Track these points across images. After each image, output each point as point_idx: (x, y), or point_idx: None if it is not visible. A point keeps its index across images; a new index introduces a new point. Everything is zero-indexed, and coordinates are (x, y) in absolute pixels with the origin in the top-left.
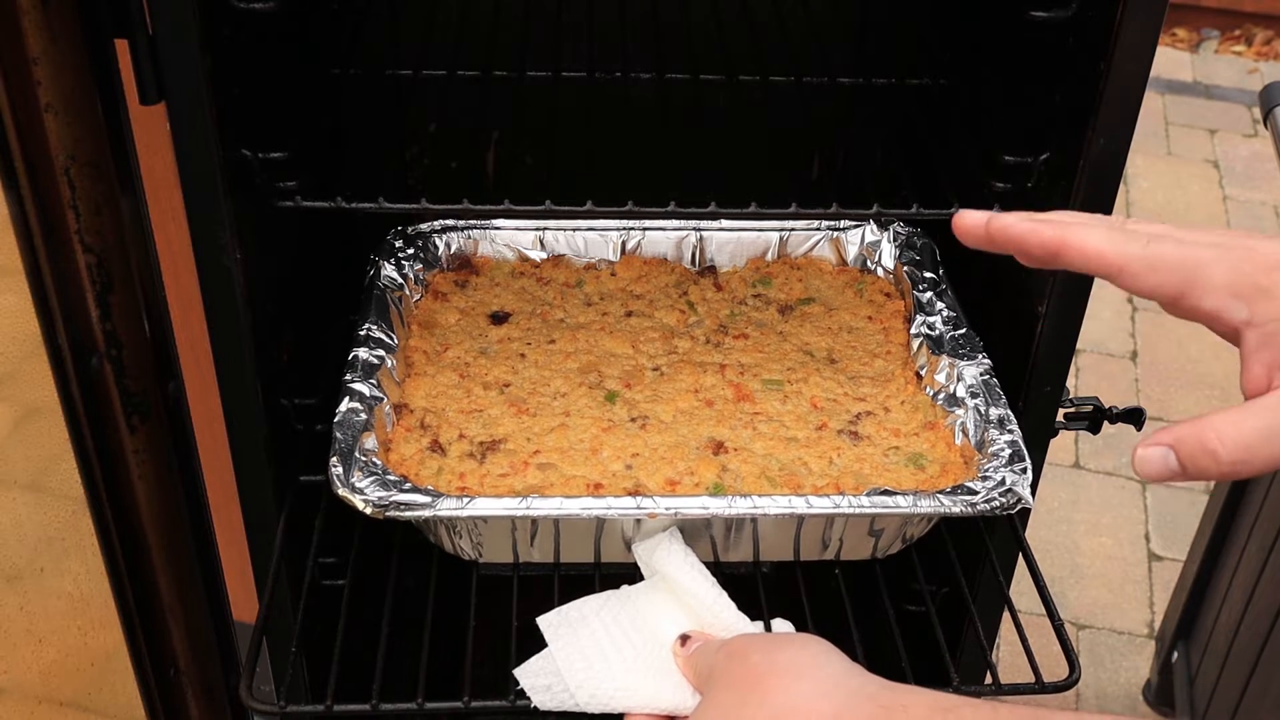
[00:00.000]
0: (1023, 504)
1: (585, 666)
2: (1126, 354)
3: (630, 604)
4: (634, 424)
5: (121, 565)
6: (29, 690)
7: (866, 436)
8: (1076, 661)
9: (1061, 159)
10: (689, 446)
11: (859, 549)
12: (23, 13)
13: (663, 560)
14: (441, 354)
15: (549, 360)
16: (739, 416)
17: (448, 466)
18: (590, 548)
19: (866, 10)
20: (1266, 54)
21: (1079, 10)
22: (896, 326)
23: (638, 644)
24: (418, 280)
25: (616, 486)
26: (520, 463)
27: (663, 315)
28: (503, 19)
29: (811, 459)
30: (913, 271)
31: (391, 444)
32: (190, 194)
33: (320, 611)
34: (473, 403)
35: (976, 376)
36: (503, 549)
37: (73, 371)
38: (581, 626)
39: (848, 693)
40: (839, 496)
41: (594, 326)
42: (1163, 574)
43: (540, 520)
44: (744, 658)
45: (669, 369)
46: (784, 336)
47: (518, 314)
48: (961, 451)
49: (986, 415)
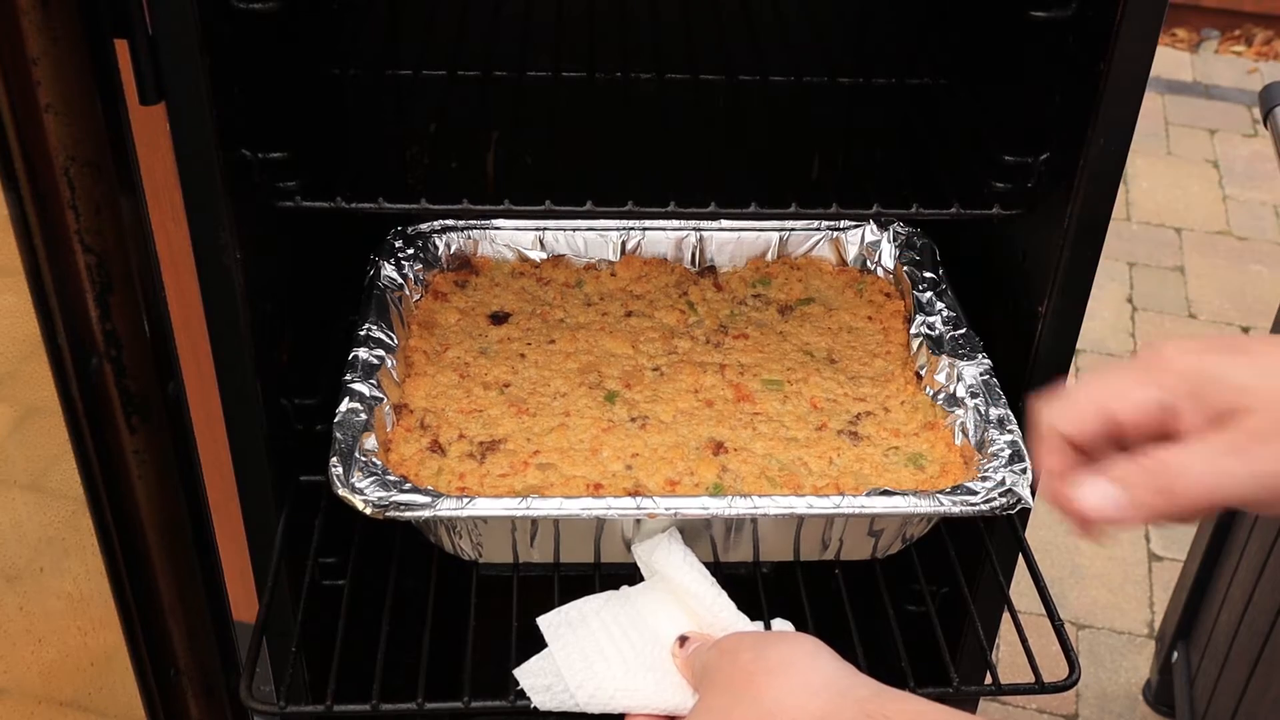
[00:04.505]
0: (1022, 504)
1: (585, 666)
2: (1126, 354)
3: (630, 604)
4: (634, 424)
5: (121, 565)
6: (29, 690)
7: (866, 437)
8: (1076, 662)
9: (1061, 159)
10: (689, 447)
11: (859, 549)
12: (23, 13)
13: (662, 561)
14: (441, 354)
15: (549, 360)
16: (739, 417)
17: (448, 466)
18: (590, 548)
19: (866, 10)
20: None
21: (1079, 10)
22: (896, 326)
23: (637, 644)
24: (418, 280)
25: (616, 487)
26: (520, 463)
27: (663, 315)
28: (503, 19)
29: (811, 459)
30: (913, 271)
31: (391, 444)
32: (190, 194)
33: (320, 611)
34: (473, 403)
35: (976, 376)
36: (503, 549)
37: (73, 371)
38: (581, 626)
39: (836, 693)
40: (839, 497)
41: (594, 326)
42: (1163, 574)
43: (540, 520)
44: (735, 656)
45: (669, 369)
46: (784, 336)
47: (518, 314)
48: (961, 452)
49: (986, 415)
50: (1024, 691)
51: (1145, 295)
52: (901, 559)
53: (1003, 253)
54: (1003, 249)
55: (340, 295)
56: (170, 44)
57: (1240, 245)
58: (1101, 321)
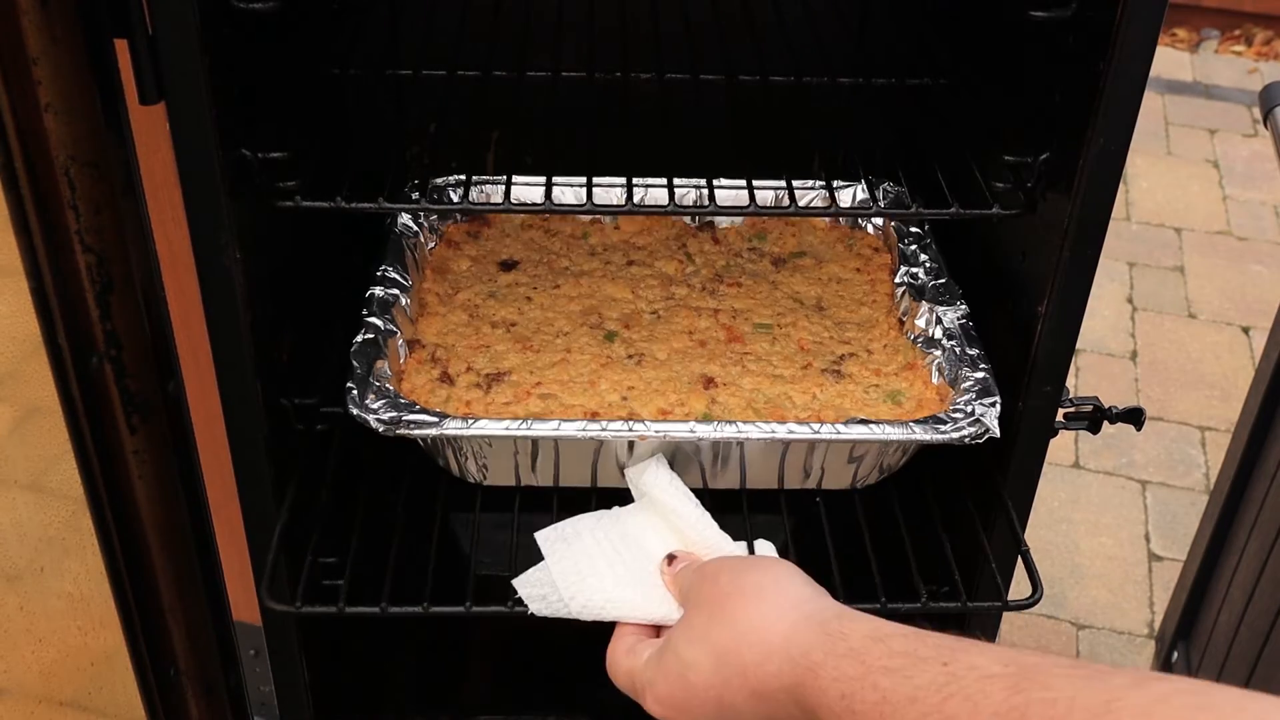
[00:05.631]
0: (990, 434)
1: (578, 579)
2: (1126, 354)
3: (621, 523)
4: (631, 360)
5: (121, 565)
6: (29, 690)
7: (849, 375)
8: (1039, 584)
9: (1061, 159)
10: (681, 381)
11: (839, 477)
12: (23, 13)
13: (650, 483)
14: (453, 296)
15: (553, 303)
16: (729, 356)
17: (455, 395)
18: (588, 471)
19: (866, 10)
20: (1266, 54)
21: (1079, 10)
22: (883, 278)
23: (628, 560)
24: (433, 230)
25: (612, 415)
26: (523, 392)
27: (662, 265)
28: (503, 19)
29: (796, 394)
30: (900, 227)
31: (404, 374)
32: (190, 194)
33: (332, 533)
34: (481, 339)
35: (954, 321)
36: (506, 471)
37: (73, 371)
38: (575, 541)
39: (801, 616)
40: (818, 424)
41: (596, 274)
42: (1163, 574)
43: (540, 441)
44: (715, 579)
45: (666, 313)
46: (775, 286)
47: (525, 262)
48: (938, 390)
49: (961, 356)
50: (988, 611)
51: (1145, 295)
52: (902, 560)
53: (1003, 253)
54: (1003, 249)
55: (340, 295)
56: (170, 44)
57: (1240, 245)
58: (1101, 321)
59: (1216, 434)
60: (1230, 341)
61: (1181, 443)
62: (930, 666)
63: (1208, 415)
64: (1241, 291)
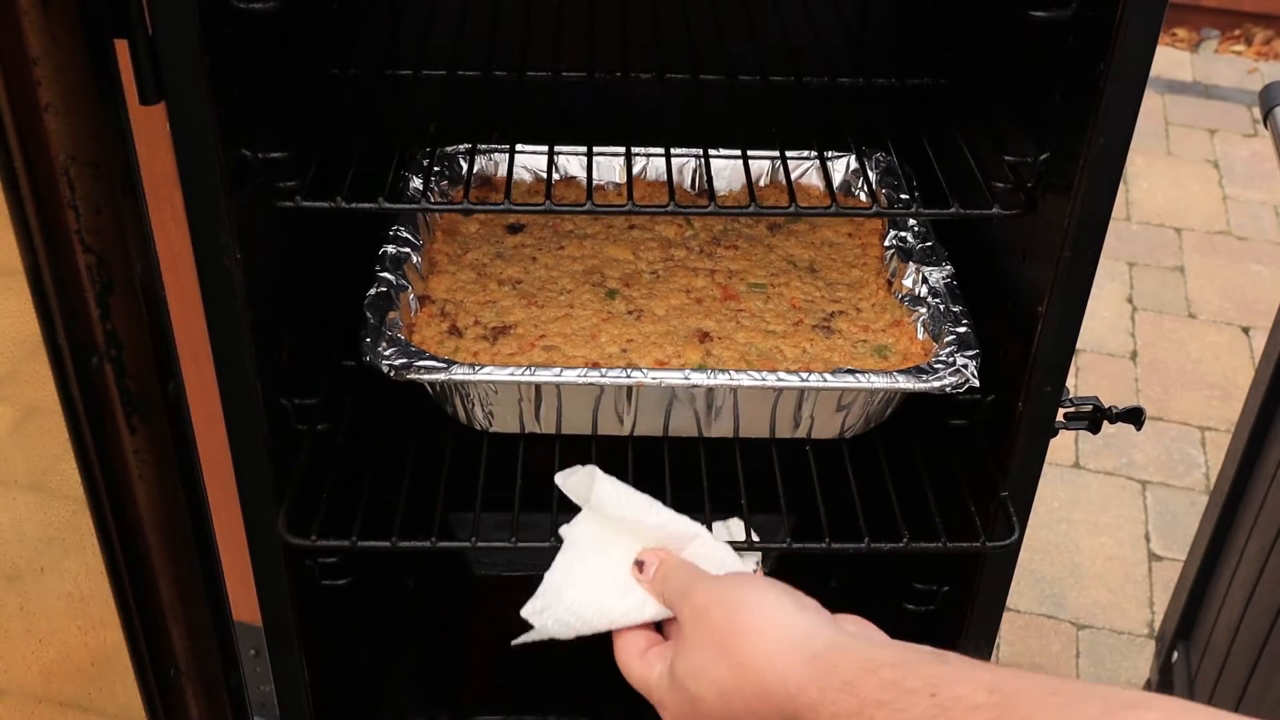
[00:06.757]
0: (970, 384)
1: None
2: (1126, 354)
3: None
4: (630, 316)
5: (121, 565)
6: (29, 690)
7: (838, 331)
8: (1014, 524)
9: (1061, 159)
10: (678, 335)
11: (828, 426)
12: (23, 13)
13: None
14: (462, 256)
15: (558, 263)
16: (724, 312)
17: (463, 346)
18: (589, 418)
19: (866, 10)
20: (1266, 54)
21: (1079, 10)
22: (873, 243)
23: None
24: (443, 195)
25: (612, 365)
26: (528, 344)
27: (662, 229)
28: (503, 19)
29: (787, 348)
30: (891, 195)
31: (415, 327)
32: (190, 194)
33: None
34: (488, 295)
35: (940, 280)
36: (511, 418)
37: (73, 371)
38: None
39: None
40: (807, 374)
41: (599, 236)
42: (1163, 574)
43: (544, 387)
44: (707, 617)
45: (664, 273)
46: (770, 248)
47: (531, 225)
48: (923, 345)
49: (945, 313)
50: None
51: (1145, 295)
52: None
53: (1003, 253)
54: (1003, 249)
55: (340, 296)
56: (170, 44)
57: (1240, 245)
58: (1101, 321)
59: (1216, 434)
60: (1230, 341)
61: (1181, 443)
62: (919, 699)
63: (1208, 415)
64: (1241, 291)
